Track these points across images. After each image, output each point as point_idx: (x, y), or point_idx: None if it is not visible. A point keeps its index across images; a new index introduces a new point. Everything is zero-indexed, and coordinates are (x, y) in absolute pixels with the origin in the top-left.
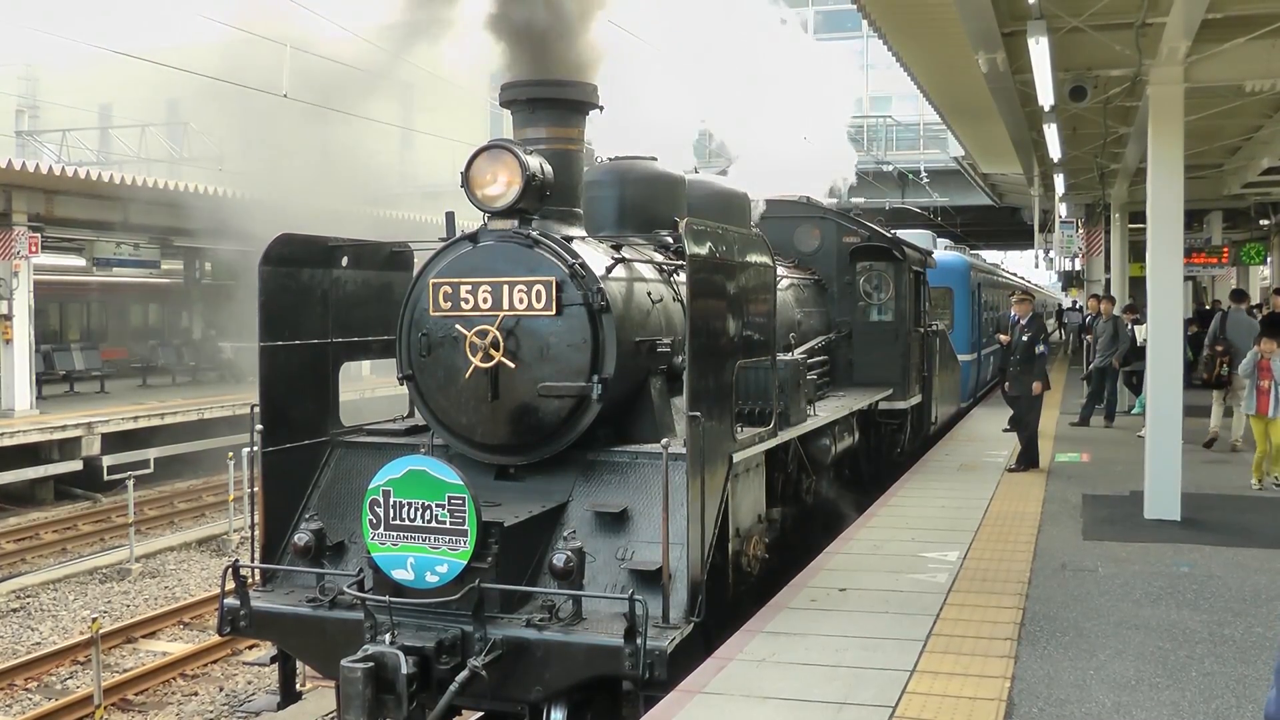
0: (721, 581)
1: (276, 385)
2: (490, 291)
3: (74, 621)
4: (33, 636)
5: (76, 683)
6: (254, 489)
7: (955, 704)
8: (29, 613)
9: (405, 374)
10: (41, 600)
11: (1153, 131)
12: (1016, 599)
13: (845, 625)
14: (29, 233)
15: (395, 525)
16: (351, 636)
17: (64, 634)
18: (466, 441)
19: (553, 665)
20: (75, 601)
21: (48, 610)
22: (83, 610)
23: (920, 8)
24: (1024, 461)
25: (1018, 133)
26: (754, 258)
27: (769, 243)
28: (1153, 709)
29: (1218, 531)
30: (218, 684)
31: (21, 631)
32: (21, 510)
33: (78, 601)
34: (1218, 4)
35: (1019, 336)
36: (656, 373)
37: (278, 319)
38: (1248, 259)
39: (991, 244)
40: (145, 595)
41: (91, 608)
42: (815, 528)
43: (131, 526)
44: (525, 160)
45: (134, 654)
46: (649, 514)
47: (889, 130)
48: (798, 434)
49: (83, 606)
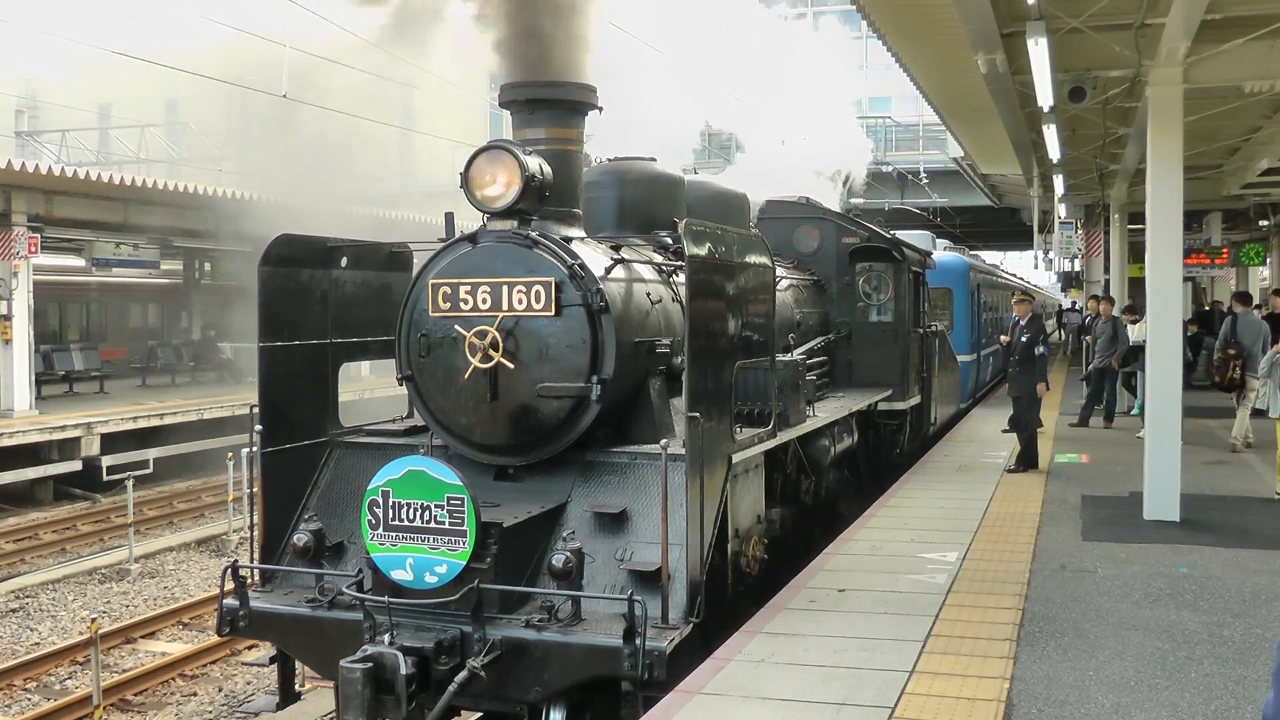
0: (721, 582)
1: (276, 386)
2: (489, 292)
3: (73, 622)
4: (32, 637)
5: (76, 683)
6: (253, 489)
7: (954, 705)
8: (28, 613)
9: (405, 374)
10: (41, 600)
11: (1152, 132)
12: (1016, 600)
13: (844, 626)
14: (28, 233)
15: (394, 526)
16: (350, 637)
17: (63, 634)
18: (465, 442)
19: (551, 666)
20: (74, 602)
21: (47, 610)
22: (82, 610)
23: (919, 9)
24: (1023, 462)
25: (1017, 133)
26: (753, 258)
27: (768, 243)
28: (1152, 710)
29: (1217, 532)
30: (217, 684)
31: (21, 632)
32: (21, 510)
33: (77, 602)
34: (1217, 5)
35: (1019, 337)
36: (656, 373)
37: (277, 319)
38: (1247, 260)
39: (991, 245)
40: (144, 595)
41: (91, 608)
42: (814, 528)
43: (131, 527)
44: (524, 161)
45: (133, 654)
46: (648, 515)
47: (888, 131)
48: (797, 435)
49: (82, 607)
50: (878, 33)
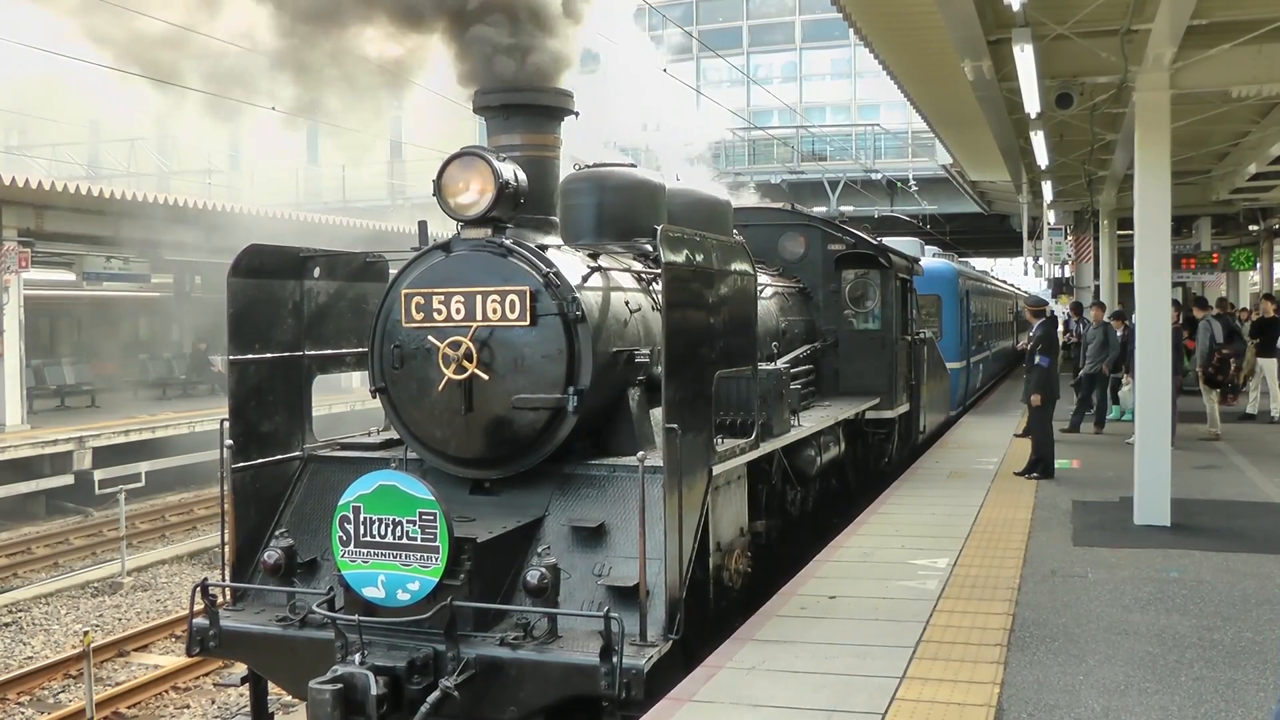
0: (702, 597)
1: (247, 399)
2: (463, 302)
3: (66, 635)
4: (25, 650)
5: (69, 696)
6: (224, 506)
7: (945, 710)
8: (21, 627)
9: (378, 387)
10: (33, 614)
11: (1139, 138)
12: (1006, 605)
13: (835, 632)
14: (19, 248)
15: (366, 542)
16: (322, 656)
17: (56, 648)
18: (441, 455)
19: (527, 685)
20: (67, 615)
21: (39, 624)
22: (75, 624)
23: (906, 16)
24: (1031, 468)
25: (1005, 140)
26: (734, 265)
27: (751, 250)
28: (1142, 714)
29: (1207, 537)
30: (209, 697)
31: (14, 645)
32: (13, 525)
33: (70, 615)
34: (1203, 10)
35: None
36: (635, 384)
37: (248, 331)
38: (1237, 265)
39: (981, 252)
40: (137, 609)
41: (83, 621)
42: (802, 539)
43: (123, 540)
44: (498, 167)
45: (126, 667)
46: (627, 528)
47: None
48: (781, 445)
49: (75, 620)
50: (864, 40)
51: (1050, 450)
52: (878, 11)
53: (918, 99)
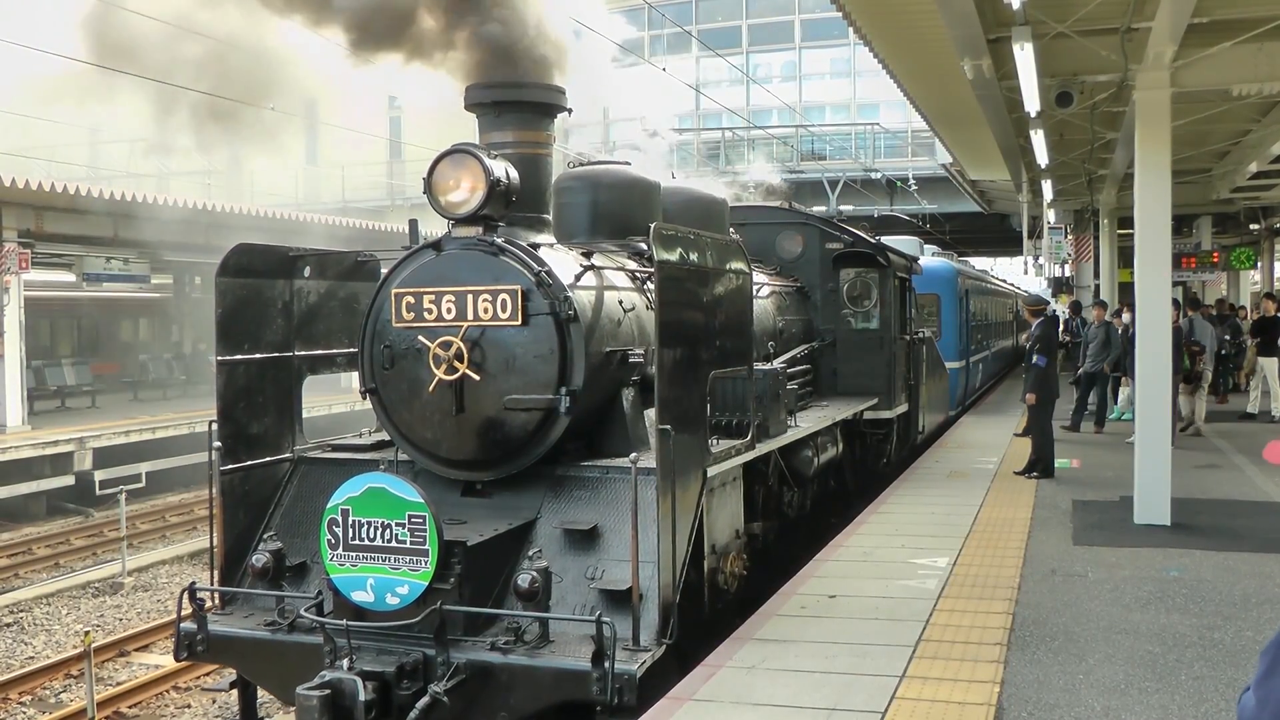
0: (697, 600)
1: (236, 401)
2: (454, 301)
3: (67, 635)
4: (26, 650)
5: (70, 696)
6: (212, 509)
7: (945, 709)
8: (22, 627)
9: (368, 387)
10: (35, 614)
11: (1140, 136)
12: (1006, 604)
13: (835, 632)
14: (19, 249)
15: (354, 545)
16: (311, 661)
17: (57, 648)
18: (431, 457)
19: (518, 690)
20: (68, 615)
21: (41, 624)
22: (75, 624)
23: (905, 15)
24: (1031, 468)
25: (1005, 139)
26: (729, 264)
27: (747, 249)
28: (1142, 713)
29: (1207, 536)
30: (210, 697)
31: (15, 645)
32: (14, 525)
33: (70, 615)
34: (1203, 8)
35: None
36: (629, 384)
37: (237, 332)
38: (1238, 264)
39: (981, 251)
40: (138, 609)
41: (84, 621)
42: (799, 541)
43: (124, 540)
44: (489, 165)
45: (127, 667)
46: (620, 531)
47: (877, 137)
48: (777, 446)
49: (75, 620)
50: (864, 39)
51: (1050, 450)
52: (877, 10)
53: (917, 98)
